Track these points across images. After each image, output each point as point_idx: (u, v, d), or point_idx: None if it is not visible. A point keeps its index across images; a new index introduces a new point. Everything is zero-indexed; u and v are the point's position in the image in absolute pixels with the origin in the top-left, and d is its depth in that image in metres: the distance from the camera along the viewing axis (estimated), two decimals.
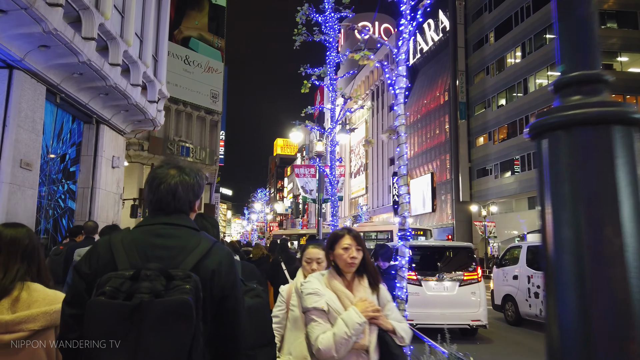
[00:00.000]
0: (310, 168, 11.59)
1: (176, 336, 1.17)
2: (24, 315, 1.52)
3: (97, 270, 1.31)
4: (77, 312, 1.27)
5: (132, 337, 1.17)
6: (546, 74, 28.88)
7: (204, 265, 1.33)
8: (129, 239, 1.37)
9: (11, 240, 1.65)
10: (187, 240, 1.37)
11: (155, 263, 1.27)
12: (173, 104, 27.08)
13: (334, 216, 8.57)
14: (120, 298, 1.19)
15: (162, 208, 1.43)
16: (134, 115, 9.85)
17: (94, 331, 1.18)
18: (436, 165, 39.19)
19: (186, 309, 1.19)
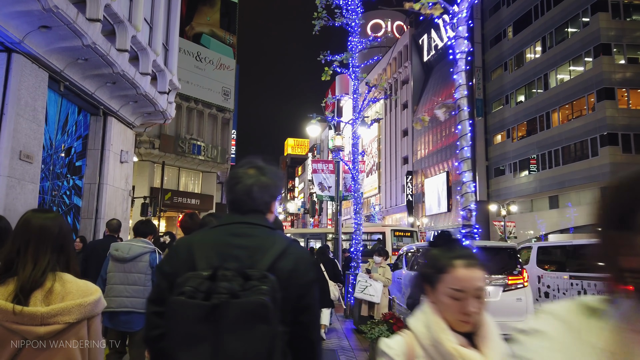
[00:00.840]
0: (329, 163, 10.95)
1: (255, 338, 1.17)
2: (59, 308, 1.50)
3: (178, 269, 1.32)
4: (161, 309, 1.30)
5: (211, 338, 1.17)
6: (568, 69, 27.88)
7: (280, 265, 1.32)
8: (207, 238, 1.40)
9: (40, 229, 1.59)
10: (263, 240, 1.37)
11: (233, 263, 1.28)
12: (184, 101, 26.64)
13: (357, 214, 7.93)
14: (199, 298, 1.19)
15: (239, 208, 1.44)
16: (144, 106, 9.31)
17: (173, 330, 1.20)
18: (452, 164, 38.26)
19: (263, 310, 1.17)
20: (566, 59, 27.80)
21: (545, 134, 28.96)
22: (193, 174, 28.50)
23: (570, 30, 27.94)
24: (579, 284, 8.80)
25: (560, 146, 27.69)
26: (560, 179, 27.46)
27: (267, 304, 1.17)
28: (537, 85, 30.24)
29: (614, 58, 25.38)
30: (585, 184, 25.69)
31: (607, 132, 24.65)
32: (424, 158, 43.17)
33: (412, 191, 44.31)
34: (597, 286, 8.34)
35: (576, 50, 27.00)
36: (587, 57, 26.31)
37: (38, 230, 1.60)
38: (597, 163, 24.93)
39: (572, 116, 27.19)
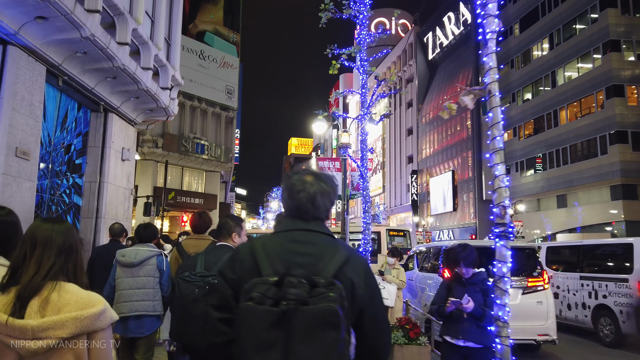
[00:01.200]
0: (335, 161, 10.67)
1: (326, 345, 1.17)
2: (52, 321, 1.40)
3: (241, 275, 1.36)
4: (225, 316, 1.35)
5: (281, 344, 1.18)
6: (576, 66, 27.48)
7: (344, 273, 1.33)
8: (270, 245, 1.41)
9: (48, 236, 1.56)
10: (326, 248, 1.39)
11: (297, 269, 1.27)
12: (188, 100, 26.43)
13: (365, 212, 7.65)
14: (267, 304, 1.21)
15: (301, 215, 1.46)
16: (145, 102, 9.06)
17: (244, 336, 1.20)
18: (457, 162, 37.92)
19: (334, 317, 1.18)
20: (574, 55, 27.40)
21: (552, 132, 28.57)
22: (196, 173, 28.29)
23: (578, 26, 27.53)
24: (590, 285, 8.50)
25: (568, 144, 27.29)
26: (568, 177, 27.07)
27: (337, 311, 1.17)
28: (544, 82, 29.84)
29: (623, 55, 24.97)
30: (594, 183, 25.29)
31: (616, 130, 24.24)
32: (429, 157, 42.81)
33: (417, 190, 43.97)
34: (608, 287, 8.04)
35: (584, 47, 26.59)
36: (596, 53, 25.91)
37: (44, 236, 1.56)
38: (607, 161, 24.53)
39: (581, 114, 26.79)
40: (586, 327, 8.54)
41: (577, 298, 8.56)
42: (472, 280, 3.22)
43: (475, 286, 3.17)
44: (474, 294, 3.10)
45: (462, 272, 3.27)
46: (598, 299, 8.16)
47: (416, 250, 7.73)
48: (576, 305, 8.56)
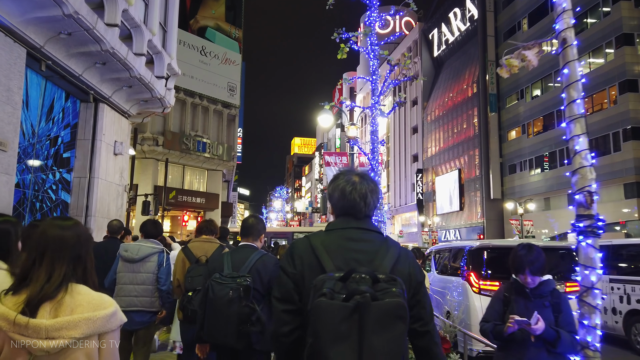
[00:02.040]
0: (343, 156, 10.05)
1: (395, 336, 1.29)
2: (65, 321, 1.40)
3: (302, 270, 1.49)
4: (289, 307, 1.48)
5: (355, 337, 1.28)
6: (587, 61, 26.72)
7: (399, 268, 1.48)
8: (328, 242, 1.52)
9: (57, 240, 1.52)
10: (379, 245, 1.52)
11: (355, 266, 1.39)
12: (189, 97, 25.84)
13: (377, 210, 7.00)
14: (337, 299, 1.29)
15: (354, 213, 1.57)
16: (139, 92, 8.45)
17: (320, 329, 1.29)
18: (464, 161, 37.19)
19: (402, 311, 1.31)
20: (585, 50, 26.62)
21: (563, 130, 27.75)
22: (198, 172, 27.70)
23: (589, 20, 26.77)
24: (621, 288, 7.83)
25: None
26: None
27: (404, 305, 1.31)
28: (554, 78, 29.09)
29: (637, 49, 24.20)
30: (607, 180, 24.52)
31: (630, 126, 23.49)
32: (434, 155, 42.08)
33: (422, 190, 43.25)
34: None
35: (596, 41, 25.83)
36: (608, 48, 25.15)
37: (54, 241, 1.52)
38: (620, 158, 23.78)
39: (592, 110, 26.03)
40: (617, 334, 7.86)
41: (606, 302, 7.89)
42: (538, 292, 2.47)
43: (542, 299, 2.45)
44: (542, 310, 2.40)
45: (526, 280, 2.51)
46: (631, 304, 7.49)
47: (433, 250, 7.07)
48: (605, 310, 7.89)
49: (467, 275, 5.05)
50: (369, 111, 8.77)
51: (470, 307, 4.84)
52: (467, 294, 4.96)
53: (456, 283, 5.28)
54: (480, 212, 34.36)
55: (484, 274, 4.92)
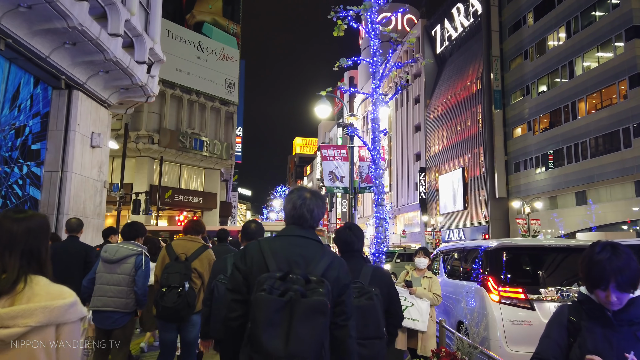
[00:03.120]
0: (341, 149, 9.30)
1: (317, 327, 1.60)
2: (20, 309, 1.37)
3: (251, 268, 1.79)
4: (238, 297, 1.78)
5: (285, 324, 1.58)
6: (595, 55, 25.91)
7: (329, 273, 1.79)
8: (275, 246, 1.84)
9: (9, 235, 1.48)
10: (316, 252, 1.83)
11: (295, 268, 1.74)
12: (186, 93, 25.18)
13: (378, 206, 6.27)
14: (275, 294, 1.60)
15: (301, 223, 1.91)
16: (117, 79, 7.73)
17: (258, 317, 1.60)
18: (468, 159, 36.39)
19: (324, 307, 1.63)
20: (593, 44, 25.84)
21: (570, 125, 27.02)
22: (195, 171, 27.03)
23: (597, 13, 25.96)
24: None
25: (587, 138, 25.74)
26: (588, 173, 25.52)
27: (326, 303, 1.63)
28: (561, 73, 28.29)
29: None
30: (617, 178, 23.73)
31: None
32: (437, 154, 41.29)
33: (425, 189, 42.46)
34: None
35: (605, 34, 25.02)
36: (618, 41, 24.33)
37: (5, 234, 1.48)
38: (630, 155, 22.97)
39: (601, 105, 25.23)
40: None
41: None
42: (626, 316, 1.56)
43: (633, 327, 1.59)
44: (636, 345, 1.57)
45: (609, 299, 1.53)
46: None
47: (441, 250, 6.30)
48: None
49: (484, 280, 4.28)
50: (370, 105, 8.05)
51: (488, 317, 4.10)
52: (485, 303, 4.22)
53: (470, 289, 4.53)
54: (484, 211, 33.56)
55: (504, 278, 4.18)
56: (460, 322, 4.71)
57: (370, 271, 2.53)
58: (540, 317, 3.97)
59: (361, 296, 2.28)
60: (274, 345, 1.56)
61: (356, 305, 2.15)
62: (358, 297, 2.27)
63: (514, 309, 4.06)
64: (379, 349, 2.28)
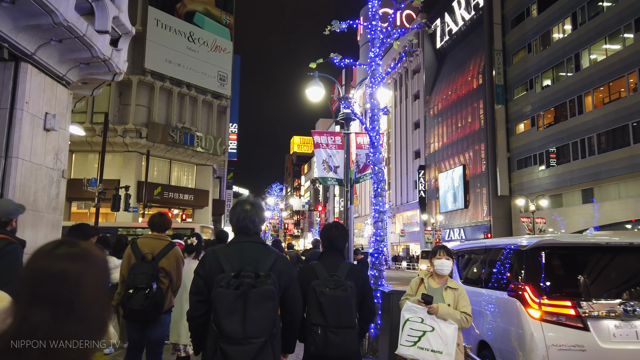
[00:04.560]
0: (336, 136, 8.25)
1: (267, 310, 2.05)
2: None
3: (210, 272, 2.18)
4: (200, 298, 2.18)
5: (241, 311, 2.01)
6: (603, 47, 24.91)
7: (275, 268, 2.23)
8: (227, 252, 2.26)
9: None
10: (262, 253, 2.28)
11: (247, 266, 2.16)
12: (176, 86, 24.08)
13: (377, 197, 5.22)
14: (231, 289, 2.03)
15: (246, 232, 2.33)
16: (74, 50, 6.62)
17: (218, 308, 2.02)
18: (469, 156, 35.38)
19: (272, 294, 2.08)
20: (601, 35, 24.84)
21: (576, 120, 26.01)
22: (186, 167, 25.92)
23: (605, 4, 24.95)
24: None
25: (595, 133, 24.73)
26: (595, 169, 24.51)
27: (273, 290, 2.08)
28: (566, 66, 27.28)
29: None
30: (626, 175, 22.73)
31: None
32: (437, 151, 40.28)
33: (424, 187, 41.46)
34: None
35: (613, 25, 24.02)
36: (627, 32, 23.33)
37: None
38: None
39: (609, 99, 24.22)
40: None
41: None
42: None
43: None
44: None
45: None
46: None
47: (454, 250, 5.18)
48: None
49: (519, 290, 3.19)
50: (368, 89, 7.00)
51: (526, 340, 3.02)
52: (520, 320, 3.15)
53: (498, 300, 3.47)
54: (486, 209, 32.56)
55: (546, 287, 3.13)
56: (482, 342, 3.66)
57: (347, 267, 2.74)
58: (597, 341, 2.92)
59: (337, 288, 2.54)
60: (234, 329, 1.99)
61: (332, 296, 2.49)
62: (334, 288, 2.54)
63: (560, 329, 3.02)
64: (350, 337, 2.50)
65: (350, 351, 2.48)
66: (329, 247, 2.83)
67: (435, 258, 3.29)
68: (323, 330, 2.43)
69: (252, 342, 1.98)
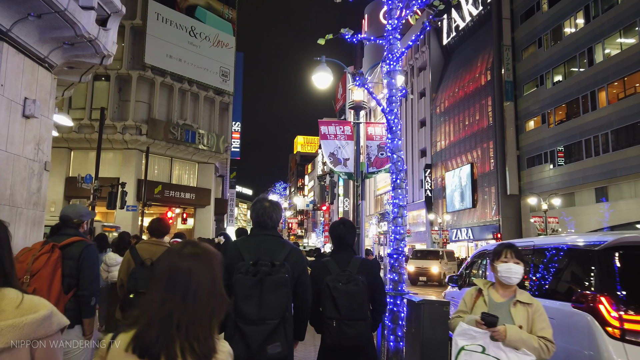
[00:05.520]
0: (345, 126, 7.58)
1: (280, 295, 2.28)
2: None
3: (231, 260, 2.39)
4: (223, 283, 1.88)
5: (257, 295, 2.24)
6: (617, 41, 24.09)
7: (289, 259, 2.46)
8: (247, 243, 2.53)
9: None
10: (278, 245, 2.53)
11: (264, 256, 2.39)
12: (177, 82, 23.47)
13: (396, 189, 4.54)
14: (249, 275, 2.29)
15: (264, 226, 2.58)
16: (56, 27, 5.97)
17: (237, 292, 2.27)
18: (477, 154, 34.59)
19: (285, 281, 2.31)
20: (615, 29, 24.01)
21: (590, 117, 25.19)
22: (188, 165, 25.30)
23: None
24: None
25: (609, 130, 23.91)
26: (610, 167, 23.69)
27: (287, 278, 2.32)
28: (578, 61, 26.46)
29: None
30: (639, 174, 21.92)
31: None
32: (444, 149, 39.50)
33: (431, 186, 40.69)
34: None
35: (628, 17, 23.19)
36: None
37: None
38: None
39: (624, 94, 23.40)
40: None
41: None
42: None
43: None
44: None
45: None
46: None
47: (489, 251, 4.41)
48: None
49: (592, 302, 2.47)
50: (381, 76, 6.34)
51: None
52: (595, 339, 2.42)
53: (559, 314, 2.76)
54: (495, 209, 31.76)
55: (628, 299, 2.44)
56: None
57: (358, 262, 2.89)
58: None
59: (349, 283, 2.70)
60: (250, 311, 2.23)
61: (344, 291, 2.68)
62: (346, 283, 2.71)
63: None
64: (363, 329, 2.69)
65: (363, 341, 2.70)
66: (339, 245, 2.98)
67: (499, 261, 2.45)
68: (337, 323, 2.62)
69: (267, 323, 2.22)
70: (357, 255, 3.05)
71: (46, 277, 2.79)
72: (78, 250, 3.02)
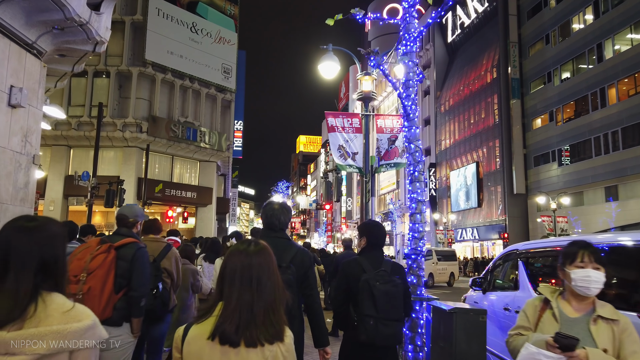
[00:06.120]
0: (354, 118, 7.14)
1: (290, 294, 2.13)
2: (29, 334, 1.21)
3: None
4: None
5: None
6: (628, 36, 23.57)
7: (295, 260, 2.59)
8: None
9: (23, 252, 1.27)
10: (285, 246, 2.63)
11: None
12: (178, 78, 23.06)
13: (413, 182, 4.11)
14: None
15: (273, 228, 2.72)
16: (43, 10, 5.55)
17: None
18: (482, 153, 34.08)
19: (291, 282, 2.43)
20: (625, 24, 23.50)
21: (599, 114, 24.67)
22: (189, 163, 24.89)
23: None
24: None
25: (619, 127, 23.39)
26: (619, 165, 23.17)
27: (292, 279, 2.45)
28: (587, 58, 25.94)
29: None
30: None
31: None
32: (448, 148, 38.99)
33: (435, 185, 40.19)
34: None
35: (639, 12, 22.67)
36: None
37: (19, 253, 1.27)
38: None
39: (635, 91, 22.88)
40: None
41: None
42: None
43: None
44: None
45: None
46: None
47: (520, 250, 3.89)
48: None
49: None
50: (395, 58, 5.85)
51: None
52: None
53: None
54: (501, 208, 31.26)
55: None
56: None
57: (390, 264, 2.93)
58: None
59: (387, 283, 2.72)
60: None
61: (383, 290, 2.69)
62: (384, 283, 2.72)
63: None
64: (398, 329, 2.74)
65: (395, 342, 2.75)
66: (375, 244, 2.96)
67: (572, 265, 1.90)
68: (375, 321, 2.64)
69: None
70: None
71: (101, 276, 2.91)
72: (131, 252, 3.12)
